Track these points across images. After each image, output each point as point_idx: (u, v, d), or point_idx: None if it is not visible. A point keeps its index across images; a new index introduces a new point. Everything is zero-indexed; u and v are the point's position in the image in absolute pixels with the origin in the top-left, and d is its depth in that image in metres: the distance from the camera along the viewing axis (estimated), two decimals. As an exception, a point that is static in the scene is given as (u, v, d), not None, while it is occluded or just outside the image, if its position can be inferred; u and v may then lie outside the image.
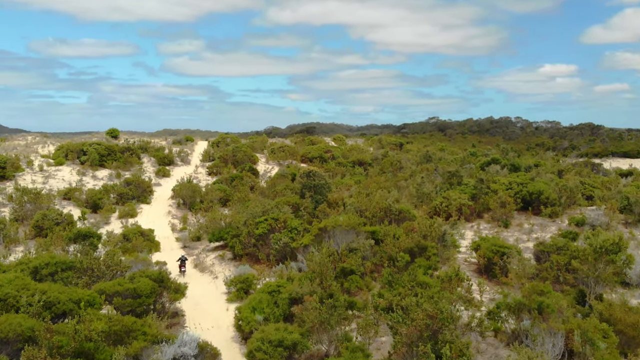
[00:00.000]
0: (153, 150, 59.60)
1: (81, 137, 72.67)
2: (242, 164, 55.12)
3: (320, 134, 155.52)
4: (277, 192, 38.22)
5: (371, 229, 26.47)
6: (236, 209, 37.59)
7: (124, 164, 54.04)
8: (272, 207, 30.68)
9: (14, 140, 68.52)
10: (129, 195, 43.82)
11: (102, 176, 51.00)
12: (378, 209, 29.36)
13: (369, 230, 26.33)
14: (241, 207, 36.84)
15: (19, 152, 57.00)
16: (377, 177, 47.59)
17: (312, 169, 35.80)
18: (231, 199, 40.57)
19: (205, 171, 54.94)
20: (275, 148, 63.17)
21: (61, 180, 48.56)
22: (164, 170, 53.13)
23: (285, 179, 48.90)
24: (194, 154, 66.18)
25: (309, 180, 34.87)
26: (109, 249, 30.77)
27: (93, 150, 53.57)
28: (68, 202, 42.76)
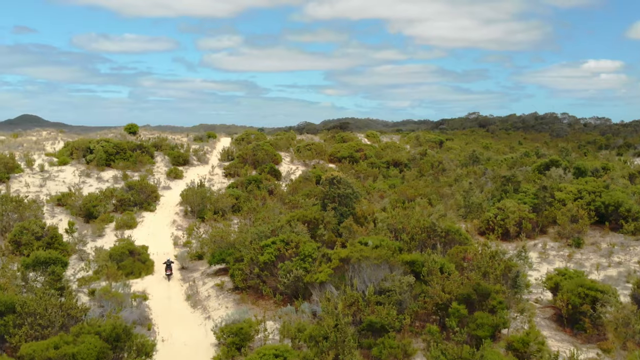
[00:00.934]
0: (168, 148, 53.96)
1: (97, 133, 67.71)
2: (263, 165, 48.94)
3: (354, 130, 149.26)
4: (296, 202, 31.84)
5: (410, 258, 19.84)
6: (247, 222, 31.39)
7: (134, 164, 48.49)
8: (284, 224, 24.29)
9: (27, 135, 63.96)
10: (130, 202, 38.09)
11: (108, 177, 45.51)
12: (418, 229, 22.67)
13: (407, 261, 19.72)
14: (255, 219, 30.66)
15: (25, 149, 52.12)
16: (415, 181, 40.74)
17: (336, 175, 29.23)
18: (242, 208, 34.37)
19: (222, 172, 48.97)
20: (302, 146, 56.78)
21: (61, 183, 43.23)
22: (176, 171, 47.35)
23: (309, 182, 42.48)
24: (214, 153, 60.37)
25: (333, 188, 28.36)
26: (79, 277, 24.96)
27: (100, 149, 48.17)
28: (62, 210, 37.29)
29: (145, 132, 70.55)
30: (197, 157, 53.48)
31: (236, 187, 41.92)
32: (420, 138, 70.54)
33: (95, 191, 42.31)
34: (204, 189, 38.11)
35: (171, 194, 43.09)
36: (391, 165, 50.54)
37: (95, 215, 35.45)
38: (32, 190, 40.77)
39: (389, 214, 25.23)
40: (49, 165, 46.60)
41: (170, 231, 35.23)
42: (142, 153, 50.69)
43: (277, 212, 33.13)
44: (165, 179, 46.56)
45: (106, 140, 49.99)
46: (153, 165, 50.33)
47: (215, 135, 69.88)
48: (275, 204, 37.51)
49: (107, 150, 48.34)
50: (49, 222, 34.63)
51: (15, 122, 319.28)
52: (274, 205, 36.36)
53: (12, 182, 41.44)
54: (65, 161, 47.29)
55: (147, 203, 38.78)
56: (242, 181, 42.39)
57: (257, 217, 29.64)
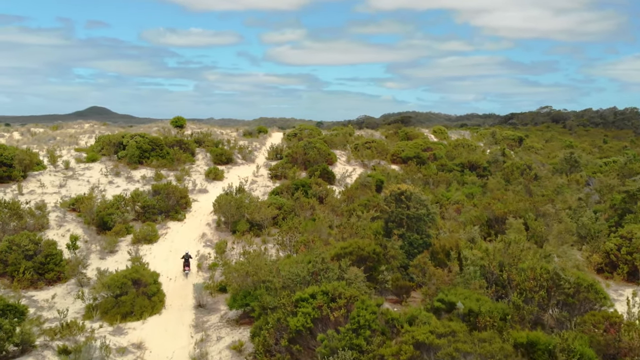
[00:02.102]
0: (211, 144, 47.54)
1: (140, 126, 62.37)
2: (315, 165, 41.70)
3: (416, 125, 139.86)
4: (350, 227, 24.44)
5: (527, 338, 12.08)
6: (286, 242, 24.28)
7: (170, 162, 42.29)
8: (329, 262, 16.86)
9: (67, 127, 59.29)
10: (154, 209, 31.70)
11: (139, 177, 39.44)
12: (533, 281, 14.76)
13: (522, 342, 11.97)
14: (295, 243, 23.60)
15: (57, 142, 47.01)
16: (500, 192, 32.38)
17: (404, 189, 21.48)
18: (282, 224, 27.24)
19: (267, 173, 42.03)
20: (360, 144, 49.10)
21: (85, 183, 37.44)
22: (215, 171, 40.74)
23: (367, 189, 34.89)
24: (262, 150, 53.60)
25: (400, 208, 20.67)
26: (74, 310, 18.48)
27: (132, 144, 42.21)
28: (74, 217, 31.29)
29: (193, 126, 64.70)
30: (242, 154, 46.80)
31: (281, 193, 34.84)
32: (497, 135, 61.41)
33: (122, 193, 36.30)
34: (241, 196, 31.19)
35: (207, 199, 36.50)
36: (466, 169, 42.16)
37: (110, 226, 29.21)
38: (49, 191, 35.11)
39: (481, 249, 17.35)
40: (76, 162, 41.01)
41: (197, 248, 28.54)
42: (180, 150, 44.46)
43: (325, 231, 25.80)
44: (203, 180, 40.06)
45: (141, 134, 44.02)
46: (192, 164, 44.02)
47: (266, 130, 63.15)
48: (327, 216, 30.21)
49: (141, 146, 42.33)
50: (54, 232, 28.68)
51: (84, 114, 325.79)
52: (324, 218, 29.06)
53: (28, 182, 35.94)
54: (94, 157, 41.58)
55: (175, 211, 32.27)
56: (288, 186, 35.25)
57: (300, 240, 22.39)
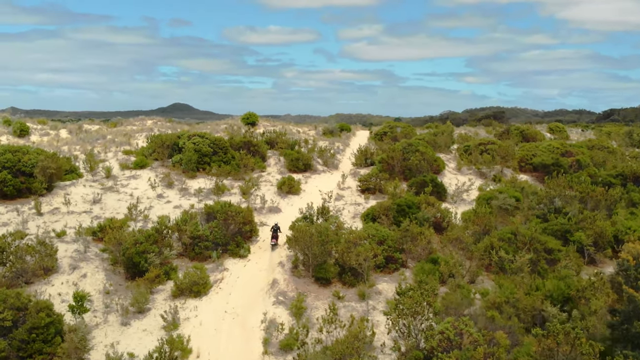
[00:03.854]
0: (285, 145, 38.02)
1: (207, 124, 53.98)
2: (418, 175, 31.26)
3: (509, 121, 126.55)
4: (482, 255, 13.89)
5: None
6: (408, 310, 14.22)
7: (236, 169, 33.15)
8: None
9: (128, 125, 51.72)
10: (207, 243, 22.39)
11: (196, 189, 30.51)
12: None
13: None
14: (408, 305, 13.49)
15: (107, 142, 39.06)
16: None
17: None
18: (391, 262, 17.08)
19: (356, 186, 31.88)
20: (473, 146, 37.97)
21: (127, 197, 28.84)
22: (290, 182, 31.05)
23: (505, 213, 24.14)
24: (347, 152, 43.62)
25: None
26: None
27: (190, 147, 33.34)
28: (98, 253, 22.46)
29: (266, 124, 55.64)
30: (322, 159, 36.95)
31: (378, 217, 24.71)
32: (634, 134, 48.46)
33: (172, 212, 27.45)
34: (325, 224, 21.26)
35: (280, 220, 26.98)
36: (629, 182, 30.34)
37: (143, 269, 20.11)
38: (78, 209, 26.69)
39: None
40: (120, 169, 32.62)
41: (264, 306, 18.94)
42: (249, 153, 35.22)
43: (466, 300, 15.56)
44: (275, 195, 30.53)
45: (201, 134, 35.05)
46: (262, 171, 34.67)
47: (349, 128, 53.12)
48: (450, 252, 19.88)
49: (200, 148, 33.38)
50: (63, 280, 19.88)
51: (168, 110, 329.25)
52: (453, 262, 18.73)
53: (54, 196, 27.69)
54: (143, 163, 33.02)
55: (236, 243, 22.82)
56: (388, 207, 24.99)
57: (437, 330, 12.18)
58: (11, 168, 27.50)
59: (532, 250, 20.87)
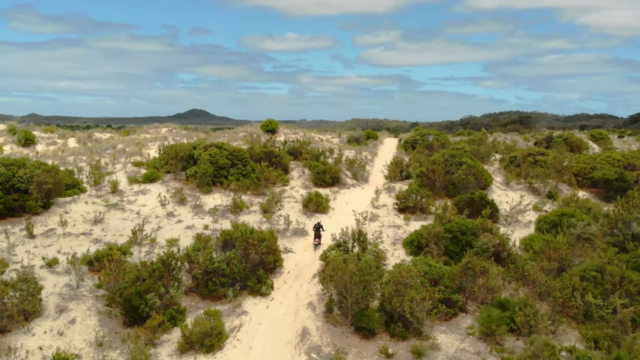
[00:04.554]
0: (309, 156, 34.03)
1: (225, 131, 50.32)
2: (463, 190, 27.08)
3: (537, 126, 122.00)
4: None
5: None
6: None
7: (256, 184, 29.28)
8: None
9: (141, 133, 48.23)
10: (224, 278, 18.43)
11: (211, 207, 26.66)
12: None
13: None
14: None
15: (116, 152, 35.48)
16: None
17: None
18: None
19: (392, 203, 27.69)
20: (520, 157, 33.56)
21: (134, 216, 25.07)
22: (317, 200, 26.98)
23: (585, 243, 19.85)
24: (376, 162, 39.52)
25: None
26: None
27: (205, 158, 29.53)
28: (92, 289, 18.64)
29: (287, 131, 51.86)
30: (351, 171, 32.90)
31: (426, 245, 20.57)
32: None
33: (183, 234, 23.68)
34: (368, 261, 17.13)
35: (306, 246, 22.99)
36: None
37: (143, 313, 16.21)
38: (76, 231, 22.99)
39: None
40: (128, 183, 28.91)
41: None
42: (270, 165, 31.32)
43: None
44: (300, 214, 26.52)
45: (218, 144, 31.22)
46: (285, 185, 30.75)
47: (376, 135, 49.00)
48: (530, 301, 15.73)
49: (217, 160, 29.55)
50: (48, 327, 16.05)
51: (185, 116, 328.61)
52: (536, 313, 14.57)
53: (50, 215, 24.02)
54: (154, 176, 29.27)
55: (257, 278, 18.83)
56: (438, 233, 20.82)
57: None
58: (4, 184, 23.90)
59: (624, 293, 16.59)
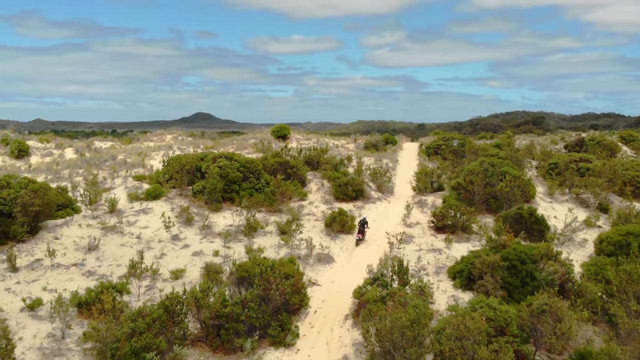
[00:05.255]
0: (329, 167, 30.59)
1: (233, 137, 46.97)
2: (506, 204, 23.60)
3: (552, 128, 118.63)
4: None
5: None
6: None
7: (270, 199, 25.92)
8: None
9: (145, 141, 44.96)
10: (238, 326, 14.99)
11: (221, 228, 23.32)
12: None
13: None
14: None
15: (116, 164, 32.20)
16: None
17: None
18: None
19: (427, 221, 24.18)
20: (561, 163, 29.98)
21: (133, 241, 21.75)
22: (341, 218, 23.46)
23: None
24: (399, 170, 36.07)
25: None
26: None
27: (215, 172, 26.16)
28: (78, 339, 15.30)
29: (299, 137, 48.53)
30: (375, 183, 29.46)
31: (479, 277, 17.12)
32: None
33: (189, 262, 20.38)
34: (421, 308, 13.63)
35: (333, 276, 19.58)
36: None
37: (141, 378, 12.81)
38: (67, 261, 19.72)
39: None
40: (128, 200, 25.57)
41: None
42: (286, 177, 27.96)
43: None
44: (322, 234, 23.08)
45: (228, 155, 27.82)
46: (304, 200, 27.35)
47: (395, 141, 45.55)
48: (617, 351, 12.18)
49: (227, 174, 26.18)
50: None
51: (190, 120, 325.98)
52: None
53: (38, 240, 20.71)
54: (157, 193, 25.92)
55: (279, 325, 15.38)
56: (492, 263, 17.32)
57: None
58: (-16, 206, 20.66)
59: None
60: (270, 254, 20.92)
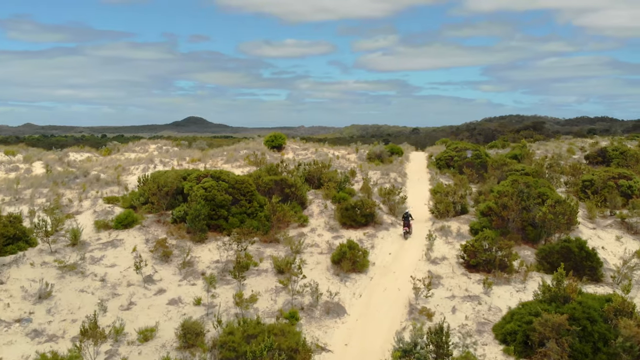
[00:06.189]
0: (332, 184, 26.31)
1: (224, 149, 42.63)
2: (544, 232, 19.50)
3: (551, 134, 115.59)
4: None
5: None
6: None
7: (264, 226, 21.67)
8: None
9: (126, 151, 40.50)
10: None
11: (207, 265, 19.05)
12: None
13: None
14: None
15: (84, 183, 27.79)
16: None
17: None
18: None
19: (454, 255, 19.97)
20: (599, 182, 25.91)
21: (96, 285, 17.41)
22: (352, 255, 19.05)
23: None
24: (408, 185, 31.91)
25: None
26: None
27: (199, 194, 21.85)
28: None
29: (295, 146, 44.33)
30: (387, 204, 25.21)
31: (539, 344, 12.92)
32: None
33: (164, 316, 16.10)
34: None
35: (345, 336, 15.32)
36: None
37: None
38: (9, 315, 15.46)
39: None
40: (95, 230, 21.22)
41: None
42: (284, 199, 23.72)
43: None
44: (329, 274, 18.79)
45: (215, 174, 23.48)
46: (304, 226, 23.07)
47: (401, 151, 41.41)
48: None
49: (214, 196, 21.87)
50: None
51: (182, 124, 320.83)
52: None
53: (-30, 293, 16.33)
54: (129, 220, 21.55)
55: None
56: (556, 325, 13.12)
57: None
58: None
59: None
60: (266, 304, 16.65)
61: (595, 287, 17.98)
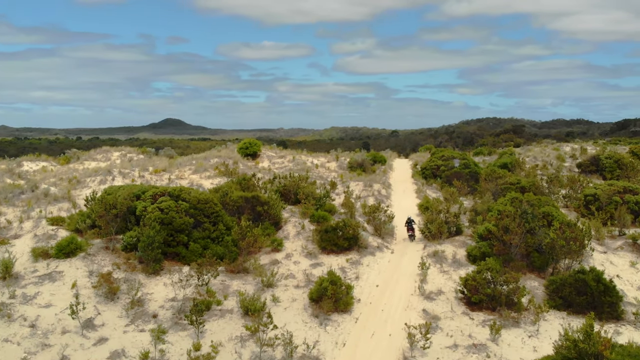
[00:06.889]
0: (310, 201, 23.28)
1: (193, 157, 39.27)
2: (551, 259, 16.78)
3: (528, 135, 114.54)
4: None
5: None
6: None
7: (230, 253, 18.56)
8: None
9: (86, 160, 36.86)
10: None
11: (159, 306, 15.85)
12: None
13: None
14: None
15: (29, 200, 24.31)
16: None
17: None
18: None
19: (452, 288, 17.07)
20: (604, 198, 23.30)
21: (23, 332, 14.11)
22: (334, 292, 16.00)
23: None
24: (394, 199, 29.06)
25: None
26: None
27: (154, 215, 18.60)
28: None
29: (271, 153, 41.18)
30: (373, 224, 22.22)
31: None
32: None
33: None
34: None
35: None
36: None
37: None
38: None
39: None
40: (32, 259, 17.84)
41: None
42: (254, 219, 20.62)
43: None
44: (306, 315, 15.69)
45: (174, 192, 20.23)
46: (278, 251, 19.97)
47: (384, 159, 38.54)
48: None
49: (171, 219, 18.65)
50: None
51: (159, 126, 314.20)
52: None
53: None
54: (73, 247, 18.19)
55: None
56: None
57: None
58: None
59: None
60: (229, 358, 13.53)
61: (616, 327, 15.25)
